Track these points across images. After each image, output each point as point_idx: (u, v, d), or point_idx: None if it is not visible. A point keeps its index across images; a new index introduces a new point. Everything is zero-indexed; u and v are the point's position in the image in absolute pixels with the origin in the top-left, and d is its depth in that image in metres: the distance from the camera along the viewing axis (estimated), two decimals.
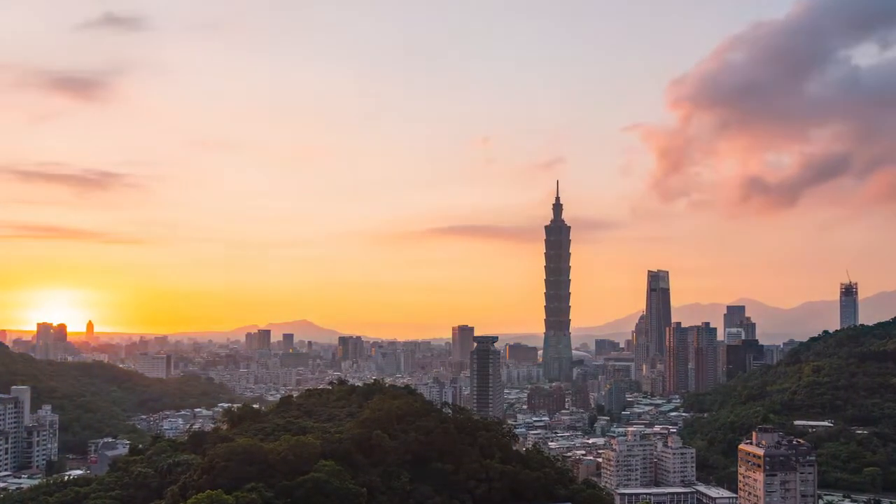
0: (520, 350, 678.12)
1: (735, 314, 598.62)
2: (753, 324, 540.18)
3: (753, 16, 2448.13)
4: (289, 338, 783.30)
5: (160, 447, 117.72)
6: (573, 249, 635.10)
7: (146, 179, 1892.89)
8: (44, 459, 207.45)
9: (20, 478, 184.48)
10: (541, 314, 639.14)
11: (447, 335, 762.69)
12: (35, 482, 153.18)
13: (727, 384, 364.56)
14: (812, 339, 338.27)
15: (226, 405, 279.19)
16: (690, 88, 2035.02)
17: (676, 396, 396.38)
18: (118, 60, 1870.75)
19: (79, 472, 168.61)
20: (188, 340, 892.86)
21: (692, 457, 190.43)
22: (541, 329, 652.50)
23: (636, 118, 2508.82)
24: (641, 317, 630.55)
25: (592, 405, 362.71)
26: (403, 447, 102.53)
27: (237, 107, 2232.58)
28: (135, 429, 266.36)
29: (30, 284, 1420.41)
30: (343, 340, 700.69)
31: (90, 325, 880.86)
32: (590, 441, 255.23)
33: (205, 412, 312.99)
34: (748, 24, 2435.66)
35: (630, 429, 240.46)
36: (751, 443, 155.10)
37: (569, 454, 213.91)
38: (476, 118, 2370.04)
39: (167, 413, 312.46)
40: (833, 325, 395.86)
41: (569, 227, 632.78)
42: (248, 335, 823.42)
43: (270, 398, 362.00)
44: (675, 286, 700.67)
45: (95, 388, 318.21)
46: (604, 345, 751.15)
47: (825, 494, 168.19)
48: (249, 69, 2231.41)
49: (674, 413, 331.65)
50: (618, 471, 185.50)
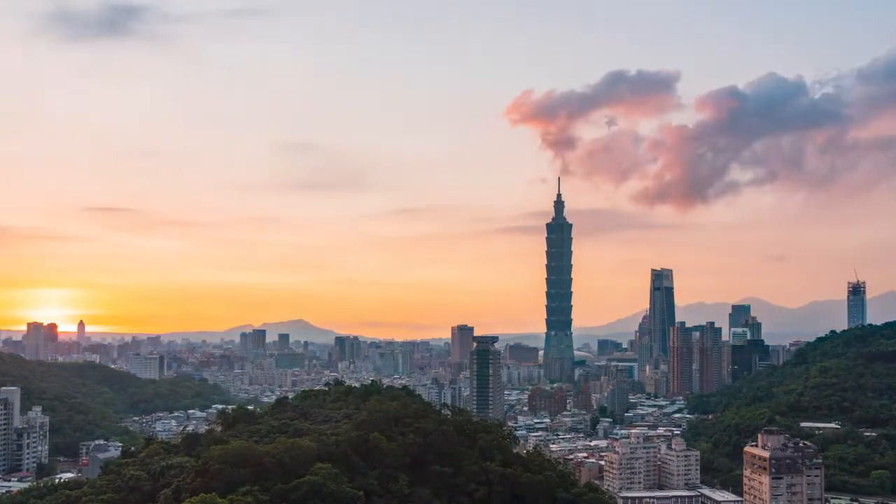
0: (520, 350, 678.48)
1: (740, 313, 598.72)
2: (759, 323, 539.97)
3: None
4: (284, 338, 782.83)
5: (153, 449, 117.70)
6: (575, 247, 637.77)
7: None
8: (34, 462, 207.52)
9: (10, 481, 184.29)
10: (542, 313, 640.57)
11: (446, 335, 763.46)
12: (25, 485, 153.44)
13: (732, 385, 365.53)
14: (819, 339, 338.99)
15: (220, 407, 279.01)
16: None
17: (680, 398, 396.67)
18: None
19: (70, 475, 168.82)
20: (181, 340, 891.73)
21: (696, 459, 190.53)
22: (542, 329, 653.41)
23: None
24: (645, 316, 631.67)
25: (594, 407, 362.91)
26: (401, 449, 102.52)
27: (220, 94, 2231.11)
28: (127, 431, 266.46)
29: (20, 283, 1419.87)
30: (340, 340, 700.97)
31: (81, 325, 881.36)
32: (592, 443, 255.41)
33: (198, 414, 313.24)
34: None
35: (633, 431, 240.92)
36: (756, 445, 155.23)
37: (570, 457, 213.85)
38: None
39: (160, 415, 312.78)
40: (840, 325, 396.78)
41: (570, 225, 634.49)
42: (243, 335, 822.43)
43: (265, 399, 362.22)
44: (679, 285, 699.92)
45: (87, 389, 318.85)
46: (606, 345, 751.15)
47: (832, 498, 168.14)
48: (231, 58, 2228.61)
49: (678, 415, 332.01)
50: (620, 474, 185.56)
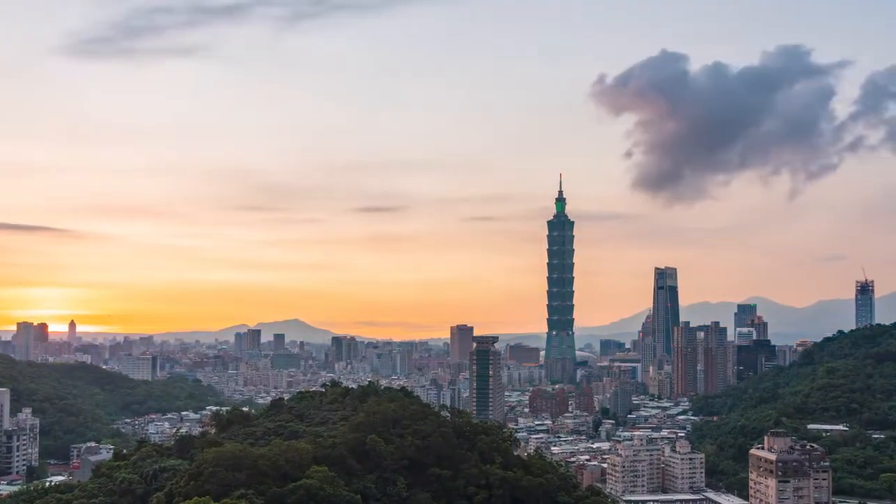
0: (521, 351, 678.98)
1: (746, 313, 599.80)
2: (765, 323, 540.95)
3: None
4: (280, 338, 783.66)
5: (145, 452, 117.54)
6: (577, 245, 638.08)
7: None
8: (24, 465, 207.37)
9: None
10: (543, 313, 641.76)
11: (445, 335, 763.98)
12: (15, 489, 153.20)
13: (737, 386, 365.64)
14: (826, 339, 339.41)
15: (214, 408, 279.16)
16: None
17: (685, 399, 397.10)
18: None
19: (60, 479, 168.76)
20: (175, 341, 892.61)
21: (701, 462, 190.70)
22: (543, 329, 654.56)
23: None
24: (648, 316, 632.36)
25: (597, 408, 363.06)
26: (399, 452, 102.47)
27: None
28: (119, 433, 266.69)
29: (10, 282, 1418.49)
30: (336, 340, 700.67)
31: (72, 325, 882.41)
32: (594, 446, 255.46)
33: (192, 415, 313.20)
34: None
35: (636, 433, 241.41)
36: (762, 447, 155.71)
37: (572, 459, 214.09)
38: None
39: (153, 416, 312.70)
40: (848, 325, 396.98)
41: (572, 222, 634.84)
42: (238, 335, 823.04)
43: (260, 401, 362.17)
44: (684, 284, 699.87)
45: (78, 391, 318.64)
46: (609, 345, 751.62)
47: (840, 502, 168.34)
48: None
49: (682, 416, 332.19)
50: (623, 477, 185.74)
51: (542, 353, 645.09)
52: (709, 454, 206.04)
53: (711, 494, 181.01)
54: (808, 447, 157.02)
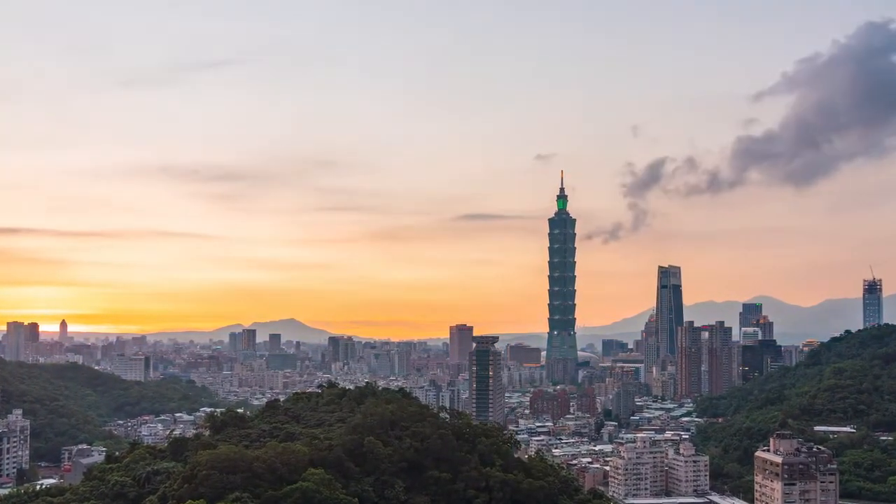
0: (522, 351, 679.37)
1: (751, 312, 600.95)
2: (771, 323, 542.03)
3: None
4: (275, 338, 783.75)
5: (138, 454, 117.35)
6: (578, 243, 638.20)
7: None
8: (14, 468, 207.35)
9: None
10: (544, 312, 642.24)
11: (444, 335, 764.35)
12: (5, 492, 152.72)
13: (743, 387, 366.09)
14: (833, 340, 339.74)
15: (208, 410, 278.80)
16: None
17: (689, 400, 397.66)
18: None
19: (51, 481, 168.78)
20: (168, 341, 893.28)
21: (705, 465, 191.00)
22: (544, 328, 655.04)
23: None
24: (651, 315, 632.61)
25: (599, 410, 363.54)
26: (398, 454, 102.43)
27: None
28: (111, 435, 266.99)
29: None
30: (333, 341, 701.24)
31: (64, 324, 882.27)
32: (596, 448, 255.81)
33: (186, 417, 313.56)
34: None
35: (639, 435, 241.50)
36: (768, 450, 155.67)
37: (574, 462, 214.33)
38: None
39: (145, 418, 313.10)
40: (856, 325, 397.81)
41: (574, 220, 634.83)
42: (232, 335, 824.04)
43: (256, 402, 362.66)
44: (688, 283, 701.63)
45: (69, 392, 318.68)
46: (611, 345, 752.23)
47: None
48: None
49: (686, 418, 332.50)
50: (626, 480, 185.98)
51: (544, 354, 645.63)
52: (713, 457, 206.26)
53: (716, 498, 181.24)
54: (815, 449, 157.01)
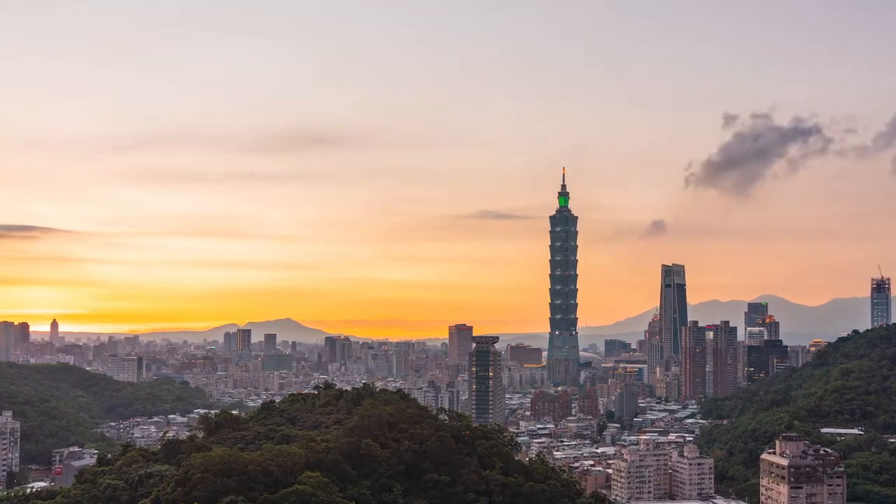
0: (522, 351, 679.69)
1: (757, 312, 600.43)
2: (777, 322, 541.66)
3: None
4: (271, 338, 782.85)
5: (131, 457, 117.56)
6: (580, 241, 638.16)
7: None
8: (4, 470, 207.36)
9: None
10: (545, 312, 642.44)
11: (443, 335, 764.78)
12: None
13: (748, 388, 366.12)
14: (841, 340, 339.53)
15: (202, 411, 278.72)
16: None
17: (693, 402, 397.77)
18: None
19: (42, 485, 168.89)
20: (161, 341, 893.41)
21: (710, 468, 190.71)
22: (545, 328, 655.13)
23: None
24: (655, 315, 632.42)
25: (601, 411, 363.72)
26: (396, 457, 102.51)
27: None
28: (103, 437, 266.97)
29: None
30: (330, 341, 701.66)
31: (55, 324, 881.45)
32: (598, 450, 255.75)
33: (179, 419, 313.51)
34: None
35: (642, 437, 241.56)
36: (774, 452, 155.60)
37: (576, 465, 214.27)
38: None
39: (138, 420, 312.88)
40: (864, 324, 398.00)
41: (576, 218, 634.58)
42: (227, 335, 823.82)
43: (251, 404, 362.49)
44: (692, 282, 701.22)
45: (60, 393, 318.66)
46: (614, 345, 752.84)
47: None
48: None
49: (690, 420, 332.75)
50: (629, 483, 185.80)
51: (545, 354, 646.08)
52: (718, 459, 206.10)
53: (721, 501, 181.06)
54: (822, 452, 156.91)
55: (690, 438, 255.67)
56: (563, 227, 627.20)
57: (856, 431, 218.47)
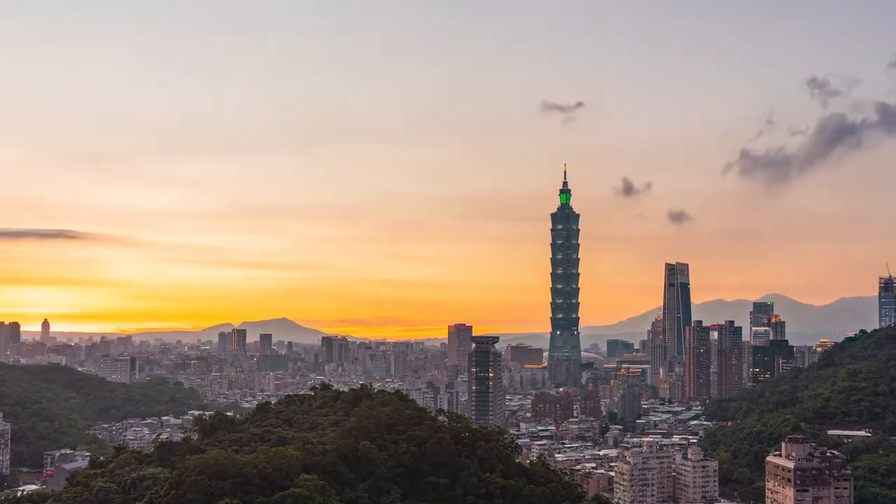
0: (523, 351, 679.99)
1: (762, 311, 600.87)
2: (783, 322, 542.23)
3: None
4: (266, 338, 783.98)
5: (124, 459, 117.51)
6: (582, 239, 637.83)
7: None
8: None
9: None
10: (546, 311, 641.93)
11: (442, 335, 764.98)
12: None
13: (753, 389, 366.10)
14: (848, 340, 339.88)
15: (196, 413, 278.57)
16: None
17: (697, 403, 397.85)
18: None
19: (33, 488, 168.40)
20: (154, 341, 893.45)
21: (714, 470, 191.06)
22: (546, 328, 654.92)
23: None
24: (658, 315, 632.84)
25: (604, 413, 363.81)
26: (394, 459, 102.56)
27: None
28: (95, 439, 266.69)
29: None
30: (327, 341, 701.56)
31: (46, 324, 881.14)
32: (601, 453, 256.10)
33: (173, 420, 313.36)
34: None
35: (645, 439, 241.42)
36: (780, 454, 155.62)
37: (577, 467, 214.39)
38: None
39: (131, 421, 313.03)
40: (871, 324, 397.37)
41: (577, 215, 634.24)
42: (222, 335, 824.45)
43: (246, 405, 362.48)
44: (696, 281, 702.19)
45: (52, 394, 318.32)
46: (616, 346, 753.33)
47: None
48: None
49: (694, 421, 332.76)
50: (632, 486, 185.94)
51: (546, 354, 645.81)
52: (722, 462, 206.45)
53: None
54: (829, 454, 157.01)
55: (694, 440, 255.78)
56: (565, 225, 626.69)
57: (863, 433, 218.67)
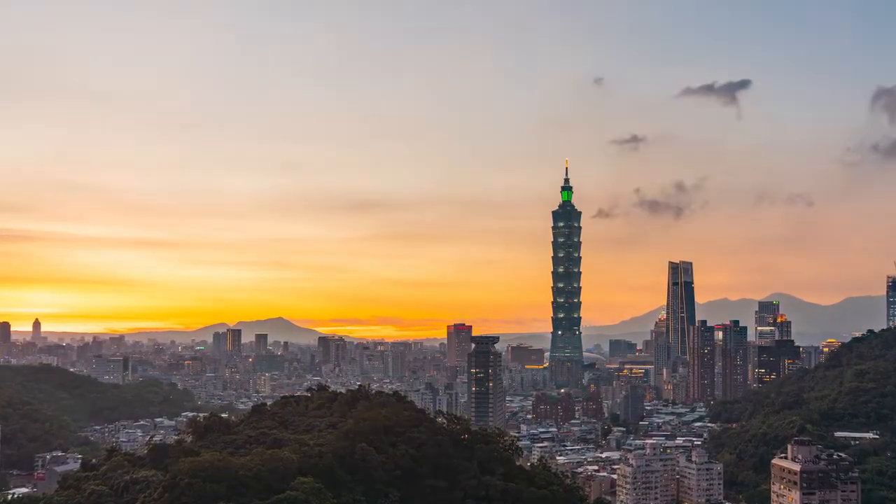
0: (524, 352, 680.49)
1: (768, 311, 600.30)
2: (788, 322, 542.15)
3: None
4: (262, 338, 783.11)
5: (116, 462, 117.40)
6: (584, 238, 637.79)
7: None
8: None
9: None
10: (547, 311, 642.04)
11: (441, 335, 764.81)
12: None
13: (759, 390, 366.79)
14: (855, 340, 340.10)
15: (190, 414, 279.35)
16: None
17: (701, 404, 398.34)
18: None
19: (24, 491, 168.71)
20: (148, 341, 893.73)
21: (719, 473, 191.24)
22: (548, 328, 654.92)
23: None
24: (662, 314, 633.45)
25: (606, 414, 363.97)
26: (392, 462, 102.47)
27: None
28: (87, 441, 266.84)
29: None
30: (323, 341, 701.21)
31: (37, 324, 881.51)
32: (603, 455, 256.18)
33: (167, 422, 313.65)
34: None
35: (648, 441, 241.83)
36: (786, 457, 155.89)
37: (579, 470, 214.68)
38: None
39: (124, 423, 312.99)
40: (879, 324, 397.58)
41: (579, 213, 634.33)
42: (216, 335, 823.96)
43: (241, 406, 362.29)
44: (700, 280, 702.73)
45: (43, 395, 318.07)
46: (619, 346, 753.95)
47: None
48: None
49: (698, 423, 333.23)
50: (635, 489, 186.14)
51: (547, 355, 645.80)
52: (727, 464, 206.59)
53: None
54: (836, 456, 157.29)
55: (698, 442, 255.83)
56: (566, 223, 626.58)
57: (871, 435, 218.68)
